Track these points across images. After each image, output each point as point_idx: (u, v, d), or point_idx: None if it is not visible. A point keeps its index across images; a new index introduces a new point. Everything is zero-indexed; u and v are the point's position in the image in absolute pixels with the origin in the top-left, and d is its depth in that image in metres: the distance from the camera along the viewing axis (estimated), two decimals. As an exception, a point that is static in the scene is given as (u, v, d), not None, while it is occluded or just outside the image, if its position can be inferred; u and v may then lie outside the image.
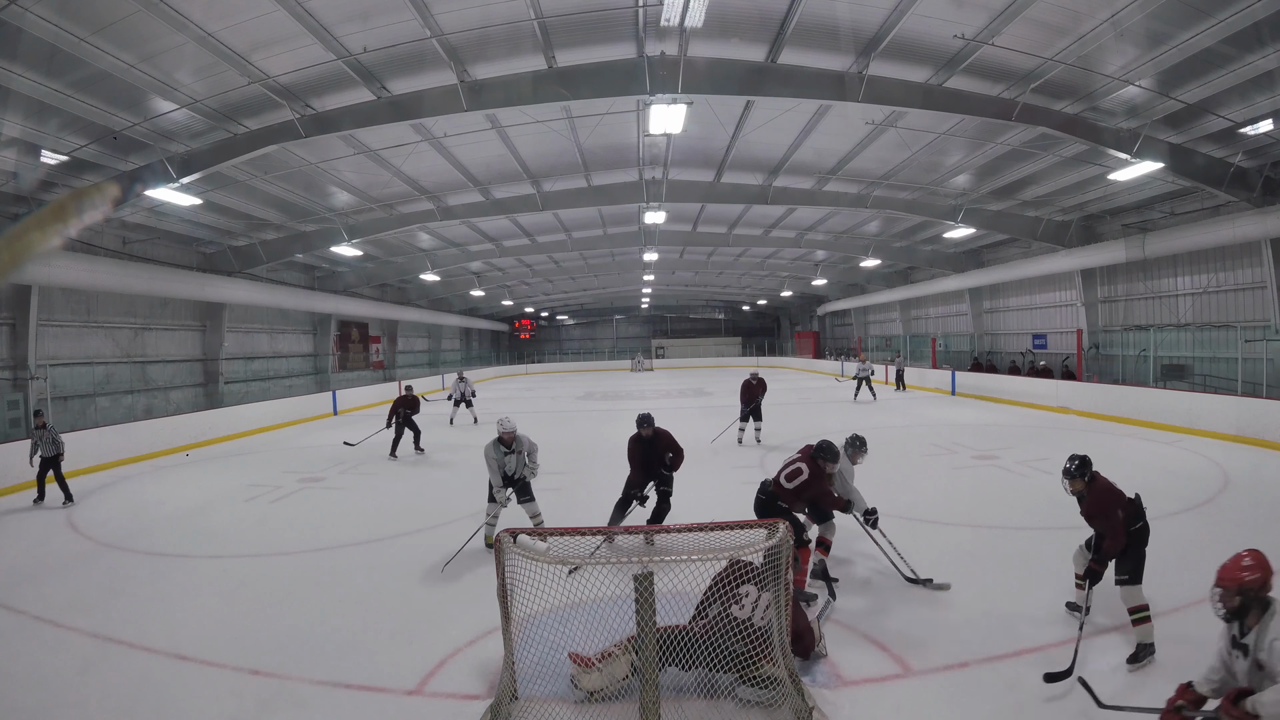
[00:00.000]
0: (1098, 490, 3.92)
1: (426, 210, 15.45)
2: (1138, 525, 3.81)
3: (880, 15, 7.90)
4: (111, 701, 3.54)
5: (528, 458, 5.99)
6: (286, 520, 7.35)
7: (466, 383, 15.47)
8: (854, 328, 33.78)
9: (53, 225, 1.11)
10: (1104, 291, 17.35)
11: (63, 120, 8.84)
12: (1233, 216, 12.19)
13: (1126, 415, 12.58)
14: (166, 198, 10.65)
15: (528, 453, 6.00)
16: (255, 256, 16.65)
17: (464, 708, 3.40)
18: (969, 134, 11.43)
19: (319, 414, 17.99)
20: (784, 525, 3.27)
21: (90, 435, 10.72)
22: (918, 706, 3.30)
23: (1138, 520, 3.82)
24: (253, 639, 4.21)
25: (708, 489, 7.98)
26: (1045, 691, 3.32)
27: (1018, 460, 9.26)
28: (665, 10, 7.11)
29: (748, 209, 17.52)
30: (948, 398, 18.75)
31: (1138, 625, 3.70)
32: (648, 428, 6.07)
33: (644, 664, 2.91)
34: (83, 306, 13.43)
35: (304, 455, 11.62)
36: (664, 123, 9.16)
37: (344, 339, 24.59)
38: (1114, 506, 3.82)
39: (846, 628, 4.15)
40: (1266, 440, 9.63)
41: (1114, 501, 3.85)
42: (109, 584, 5.34)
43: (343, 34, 7.90)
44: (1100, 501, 3.88)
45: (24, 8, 6.37)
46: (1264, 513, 6.40)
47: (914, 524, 6.35)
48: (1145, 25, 7.59)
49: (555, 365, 43.15)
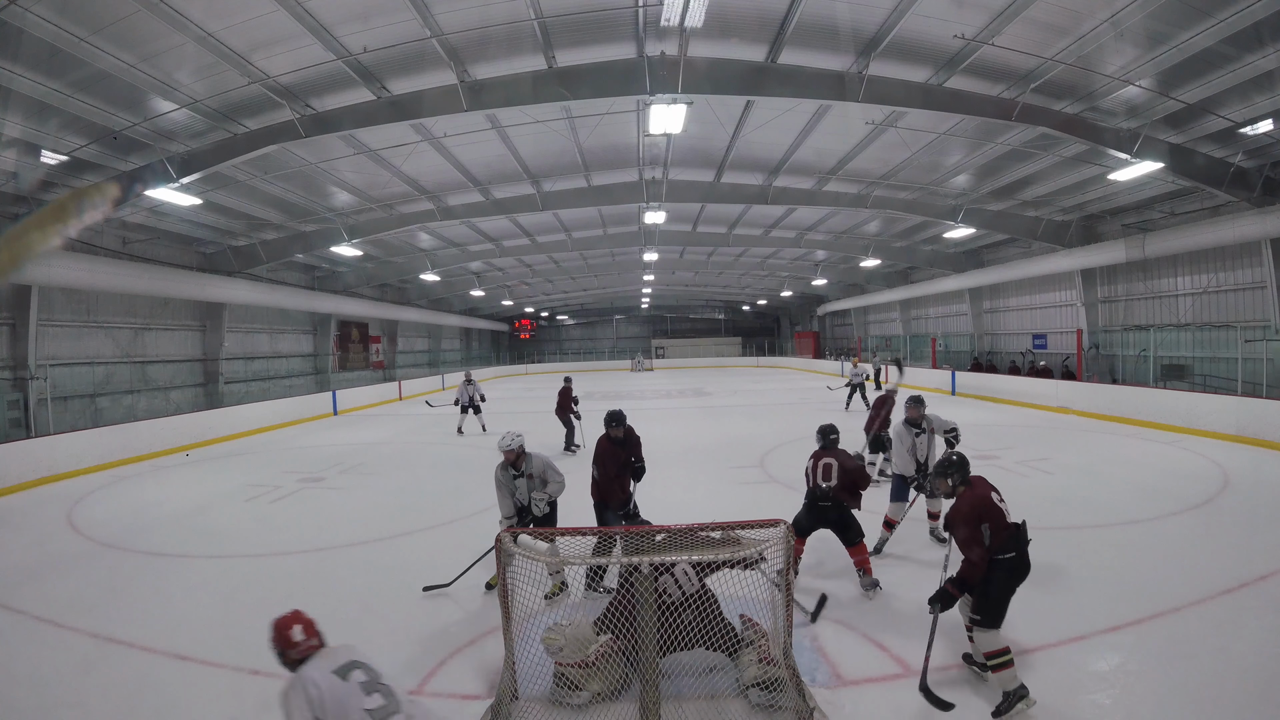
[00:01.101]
0: (969, 498, 3.40)
1: (426, 210, 15.45)
2: (1009, 555, 3.27)
3: (880, 15, 7.90)
4: (112, 701, 3.54)
5: (541, 482, 4.84)
6: (286, 520, 7.35)
7: (474, 385, 13.83)
8: (854, 328, 33.78)
9: (53, 225, 1.11)
10: (1104, 291, 17.35)
11: (63, 120, 8.84)
12: (1233, 216, 12.19)
13: (1126, 415, 12.58)
14: (166, 198, 10.64)
15: (539, 475, 4.86)
16: (255, 256, 16.64)
17: (464, 708, 3.40)
18: (969, 134, 11.43)
19: (319, 414, 17.99)
20: (784, 525, 3.27)
21: (90, 435, 10.73)
22: (918, 706, 3.29)
23: (1010, 550, 3.27)
24: (253, 639, 4.19)
25: (708, 489, 7.98)
26: (1045, 692, 3.32)
27: (1018, 460, 9.26)
28: (665, 10, 7.11)
29: (748, 209, 17.52)
30: (948, 398, 18.75)
31: (998, 671, 3.22)
32: (618, 427, 5.43)
33: (644, 664, 2.92)
34: (83, 306, 13.43)
35: (304, 455, 11.63)
36: (664, 123, 9.15)
37: (344, 339, 24.59)
38: (978, 521, 3.28)
39: (846, 628, 4.15)
40: (1266, 440, 9.62)
41: (982, 516, 3.30)
42: (109, 584, 5.34)
43: (343, 34, 7.90)
44: (965, 510, 3.36)
45: (24, 8, 6.37)
46: (1264, 513, 6.40)
47: (914, 524, 6.35)
48: (1145, 25, 7.59)
49: (555, 365, 43.12)
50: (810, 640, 3.98)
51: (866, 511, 4.99)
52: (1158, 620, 3.97)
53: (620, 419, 5.43)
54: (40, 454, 9.58)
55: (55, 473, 9.63)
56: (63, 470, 9.76)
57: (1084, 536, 5.82)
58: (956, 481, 3.51)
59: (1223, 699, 3.22)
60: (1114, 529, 5.99)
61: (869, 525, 5.02)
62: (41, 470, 9.43)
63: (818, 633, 4.09)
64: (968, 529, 3.29)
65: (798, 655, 3.63)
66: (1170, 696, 3.26)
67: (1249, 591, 4.45)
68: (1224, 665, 3.53)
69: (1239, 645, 3.75)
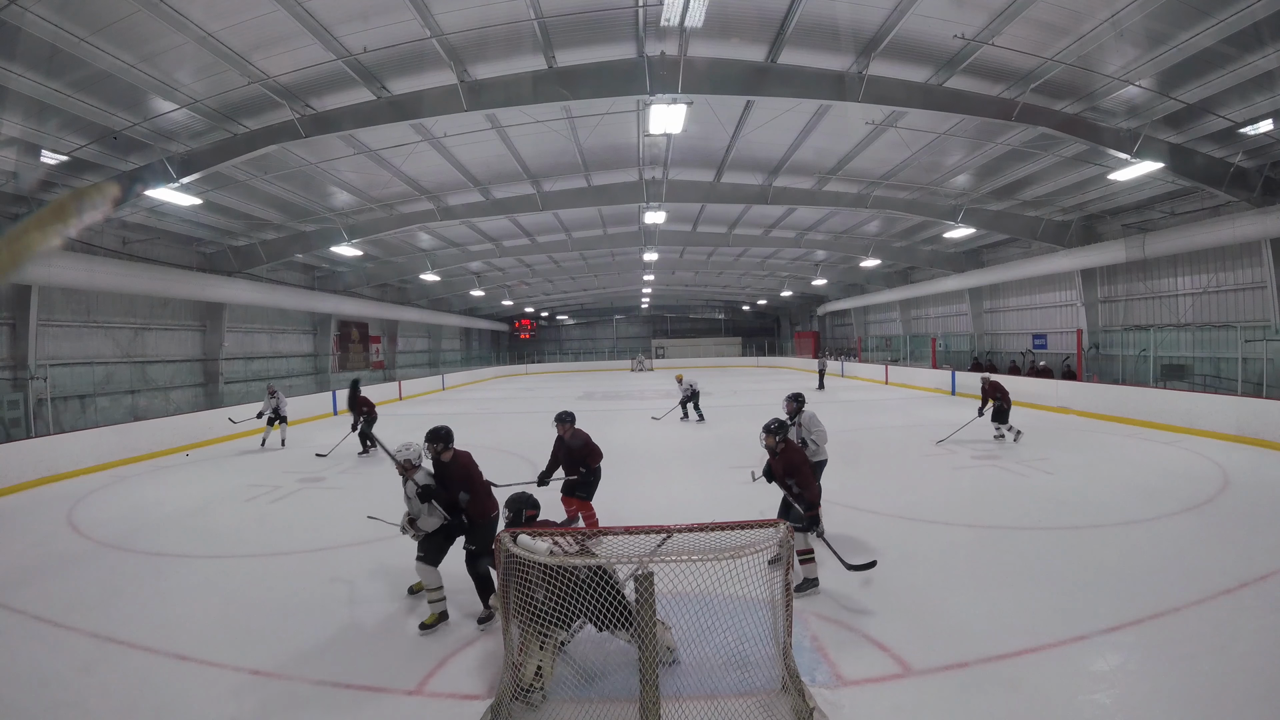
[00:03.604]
0: (797, 452, 4.75)
1: (426, 210, 15.45)
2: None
3: (880, 15, 7.91)
4: (111, 701, 3.54)
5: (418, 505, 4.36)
6: (286, 520, 7.34)
7: (278, 397, 12.36)
8: (854, 328, 33.79)
9: (53, 225, 1.11)
10: (1104, 291, 17.35)
11: (63, 120, 8.85)
12: (1233, 216, 12.19)
13: (1126, 415, 12.58)
14: (166, 198, 10.65)
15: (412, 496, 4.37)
16: (255, 256, 16.65)
17: (464, 708, 3.40)
18: (969, 134, 11.43)
19: (319, 414, 17.98)
20: (784, 525, 3.26)
21: (90, 435, 10.72)
22: (918, 706, 3.30)
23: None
24: (253, 639, 4.21)
25: (707, 488, 7.98)
26: (1045, 692, 3.32)
27: (1018, 460, 9.26)
28: (665, 10, 7.11)
29: (748, 209, 17.52)
30: (948, 398, 18.75)
31: (805, 564, 4.59)
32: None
33: (644, 664, 2.91)
34: (83, 306, 13.43)
35: (304, 455, 11.62)
36: (664, 123, 9.16)
37: (344, 339, 24.59)
38: (806, 463, 4.69)
39: (846, 628, 4.15)
40: (1266, 440, 9.62)
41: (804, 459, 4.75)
42: (109, 584, 5.34)
43: (343, 34, 7.90)
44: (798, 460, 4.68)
45: (24, 8, 6.37)
46: (1264, 513, 6.39)
47: (914, 524, 6.36)
48: (1145, 25, 7.59)
49: (555, 365, 43.16)
50: (810, 640, 3.98)
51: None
52: (1158, 620, 3.97)
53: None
54: (40, 454, 9.57)
55: (55, 473, 9.62)
56: (63, 470, 9.75)
57: (1084, 536, 5.82)
58: (779, 439, 4.76)
59: (1223, 699, 3.21)
60: (1114, 529, 5.98)
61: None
62: (41, 470, 9.43)
63: (818, 633, 4.09)
64: (805, 468, 4.66)
65: (798, 655, 3.63)
66: (1170, 696, 3.26)
67: (1249, 591, 4.45)
68: (1224, 665, 3.52)
69: (1239, 645, 3.75)
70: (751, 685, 3.41)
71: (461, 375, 32.15)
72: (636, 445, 11.57)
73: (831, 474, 6.04)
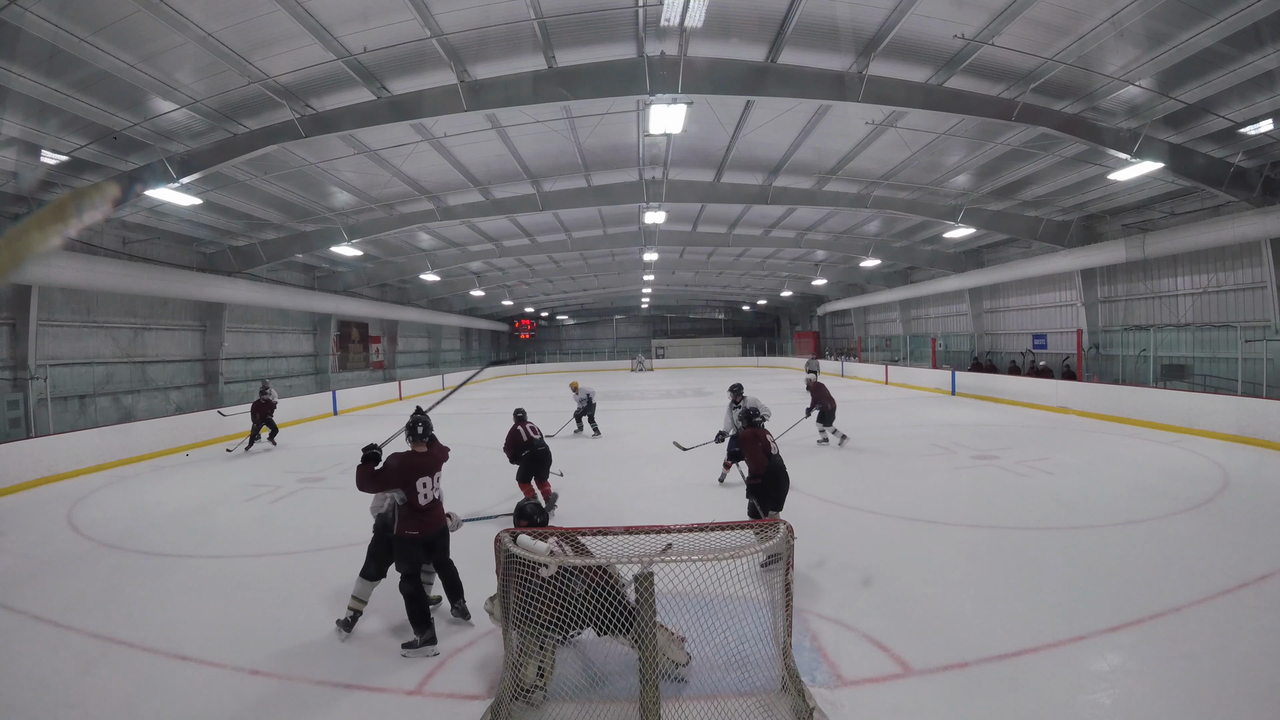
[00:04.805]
0: (751, 433, 5.49)
1: (426, 210, 15.45)
2: (772, 459, 5.36)
3: (880, 15, 7.91)
4: (112, 701, 3.54)
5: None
6: (286, 520, 7.35)
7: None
8: (854, 328, 33.77)
9: (53, 225, 1.11)
10: (1104, 291, 17.35)
11: (63, 120, 8.84)
12: (1233, 216, 12.19)
13: (1127, 415, 12.58)
14: (166, 198, 10.64)
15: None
16: (255, 256, 16.64)
17: (464, 708, 3.40)
18: (969, 134, 11.43)
19: (319, 414, 17.99)
20: (784, 525, 3.26)
21: (90, 435, 10.72)
22: (918, 706, 3.30)
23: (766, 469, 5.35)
24: (253, 639, 4.21)
25: (707, 487, 7.98)
26: (1045, 692, 3.32)
27: (1018, 460, 9.26)
28: (665, 10, 7.11)
29: (748, 209, 17.51)
30: (948, 398, 18.75)
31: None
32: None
33: (644, 664, 2.91)
34: (83, 306, 13.43)
35: (304, 455, 11.62)
36: (664, 123, 9.16)
37: (344, 339, 24.59)
38: (754, 442, 5.38)
39: (846, 628, 4.15)
40: (1266, 440, 9.62)
41: (755, 439, 5.41)
42: (109, 584, 5.34)
43: (343, 34, 7.90)
44: (748, 439, 5.46)
45: (24, 8, 6.37)
46: (1264, 513, 6.40)
47: (914, 524, 6.36)
48: (1145, 25, 7.59)
49: (555, 365, 43.09)
50: (810, 640, 3.98)
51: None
52: (1158, 620, 3.97)
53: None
54: (40, 454, 9.58)
55: (55, 473, 9.62)
56: (63, 470, 9.76)
57: (1084, 536, 5.82)
58: (744, 424, 5.60)
59: (1223, 699, 3.21)
60: (1114, 529, 5.98)
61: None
62: (41, 470, 9.43)
63: (818, 632, 4.09)
64: (751, 446, 5.38)
65: (798, 655, 3.62)
66: (1170, 696, 3.26)
67: (1249, 591, 4.45)
68: (1224, 665, 3.52)
69: (1239, 645, 3.75)
70: (751, 685, 3.41)
71: (461, 375, 32.13)
72: (637, 445, 11.58)
73: (832, 474, 6.05)
